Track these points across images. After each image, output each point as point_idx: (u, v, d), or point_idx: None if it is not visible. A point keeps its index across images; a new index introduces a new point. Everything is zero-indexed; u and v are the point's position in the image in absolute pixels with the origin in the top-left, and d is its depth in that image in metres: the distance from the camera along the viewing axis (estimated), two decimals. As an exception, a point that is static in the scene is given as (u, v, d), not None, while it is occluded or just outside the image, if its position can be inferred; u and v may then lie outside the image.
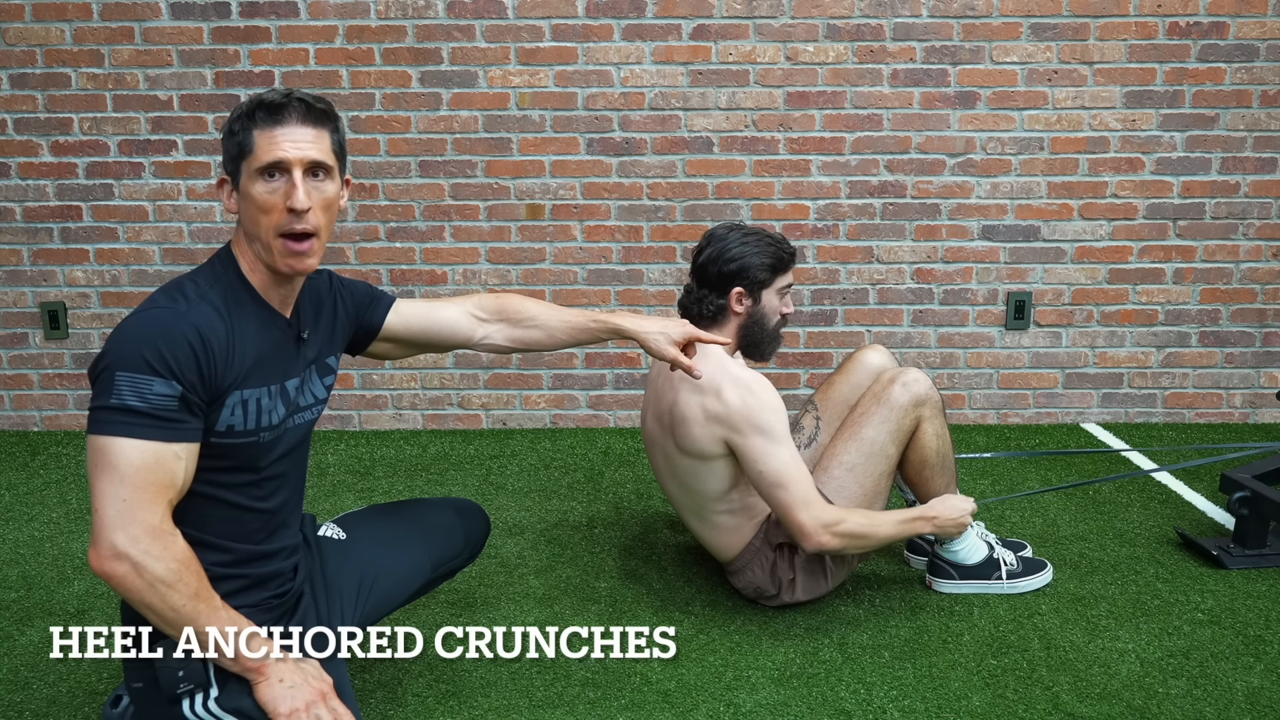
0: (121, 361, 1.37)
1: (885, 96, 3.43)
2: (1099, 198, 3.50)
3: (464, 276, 3.56)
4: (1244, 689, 1.92)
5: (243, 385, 1.47)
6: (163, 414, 1.37)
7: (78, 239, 3.53)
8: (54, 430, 3.65)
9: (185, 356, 1.39)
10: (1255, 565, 2.42)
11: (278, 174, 1.46)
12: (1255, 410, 3.66)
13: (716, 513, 2.17)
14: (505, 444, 3.49)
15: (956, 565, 2.29)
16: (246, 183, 1.46)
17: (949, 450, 2.23)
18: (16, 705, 1.89)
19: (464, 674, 1.99)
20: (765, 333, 2.16)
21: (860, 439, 2.17)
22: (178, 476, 1.40)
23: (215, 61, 3.40)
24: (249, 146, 1.45)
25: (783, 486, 2.01)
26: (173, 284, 1.48)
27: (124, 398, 1.36)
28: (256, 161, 1.45)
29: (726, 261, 2.10)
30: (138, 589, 1.35)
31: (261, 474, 1.55)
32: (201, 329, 1.41)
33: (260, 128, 1.45)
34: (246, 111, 1.46)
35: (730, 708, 1.87)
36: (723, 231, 2.14)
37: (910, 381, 2.17)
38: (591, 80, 3.42)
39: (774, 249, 2.12)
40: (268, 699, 1.45)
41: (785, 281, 2.16)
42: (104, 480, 1.35)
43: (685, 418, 2.08)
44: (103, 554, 1.34)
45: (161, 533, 1.36)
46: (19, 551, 2.60)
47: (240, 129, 1.46)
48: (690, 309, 2.16)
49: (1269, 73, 3.40)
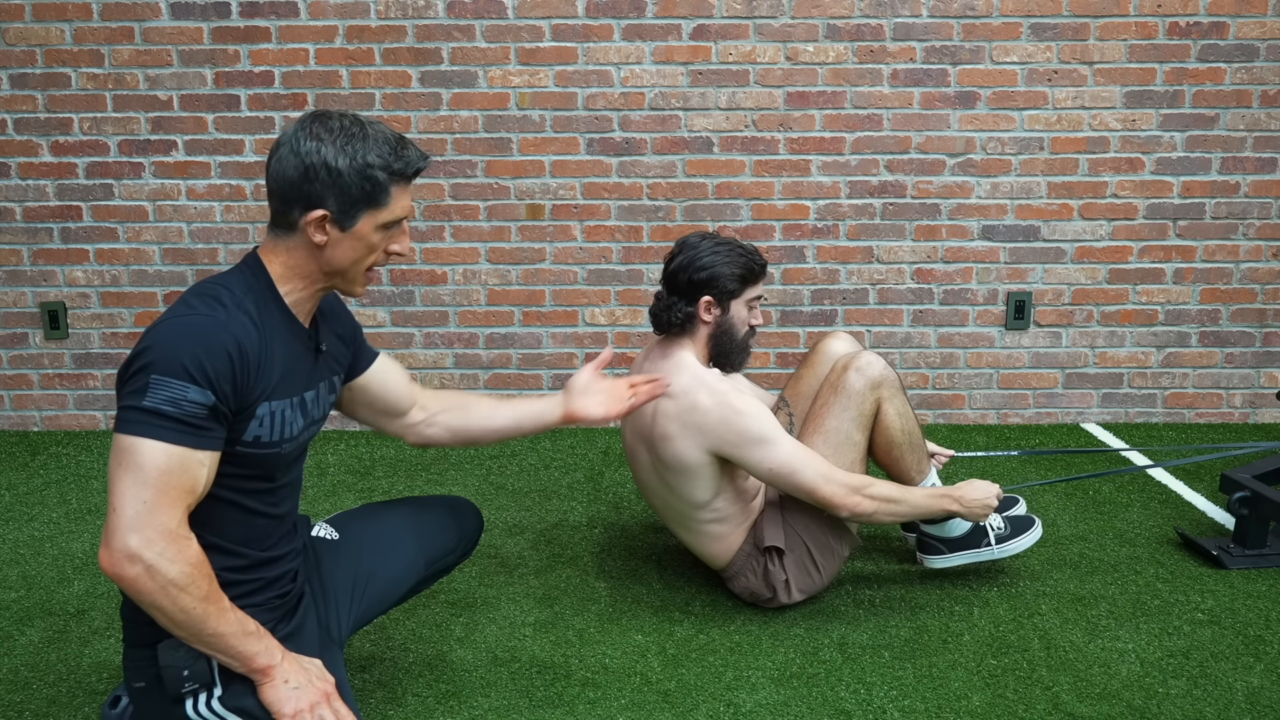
0: (159, 365, 1.36)
1: (885, 96, 3.43)
2: (1099, 198, 3.50)
3: (464, 276, 3.56)
4: (1244, 689, 1.92)
5: (271, 397, 1.48)
6: (193, 421, 1.37)
7: (78, 239, 3.53)
8: (54, 430, 3.65)
9: (223, 367, 1.38)
10: (1255, 565, 2.42)
11: (396, 225, 1.52)
12: (1255, 410, 3.66)
13: (703, 522, 2.18)
14: (505, 444, 3.49)
15: (944, 539, 2.29)
16: (365, 228, 1.48)
17: (914, 427, 2.23)
18: (16, 705, 1.89)
19: (464, 674, 1.99)
20: (734, 343, 2.16)
21: (825, 431, 2.17)
22: (199, 483, 1.40)
23: (215, 61, 3.40)
24: (384, 201, 1.48)
25: (796, 473, 2.03)
26: (206, 289, 1.46)
27: (157, 402, 1.35)
28: (389, 215, 1.49)
29: (697, 270, 2.10)
30: (149, 591, 1.34)
31: (276, 482, 1.57)
32: (241, 340, 1.40)
33: (399, 186, 1.48)
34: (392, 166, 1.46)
35: (730, 708, 1.87)
36: (695, 240, 2.14)
37: (864, 365, 2.17)
38: (591, 80, 3.43)
39: (745, 260, 2.12)
40: (272, 699, 1.46)
41: (755, 293, 2.16)
42: (126, 479, 1.34)
43: (666, 433, 2.09)
44: (115, 555, 1.33)
45: (177, 537, 1.36)
46: (19, 551, 2.60)
47: (382, 180, 1.46)
48: (660, 316, 2.16)
49: (1269, 73, 3.40)
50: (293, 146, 1.44)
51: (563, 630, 2.17)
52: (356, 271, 1.52)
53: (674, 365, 2.10)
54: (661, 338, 2.20)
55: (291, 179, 1.44)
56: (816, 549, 2.17)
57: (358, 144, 1.44)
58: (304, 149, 1.43)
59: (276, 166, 1.45)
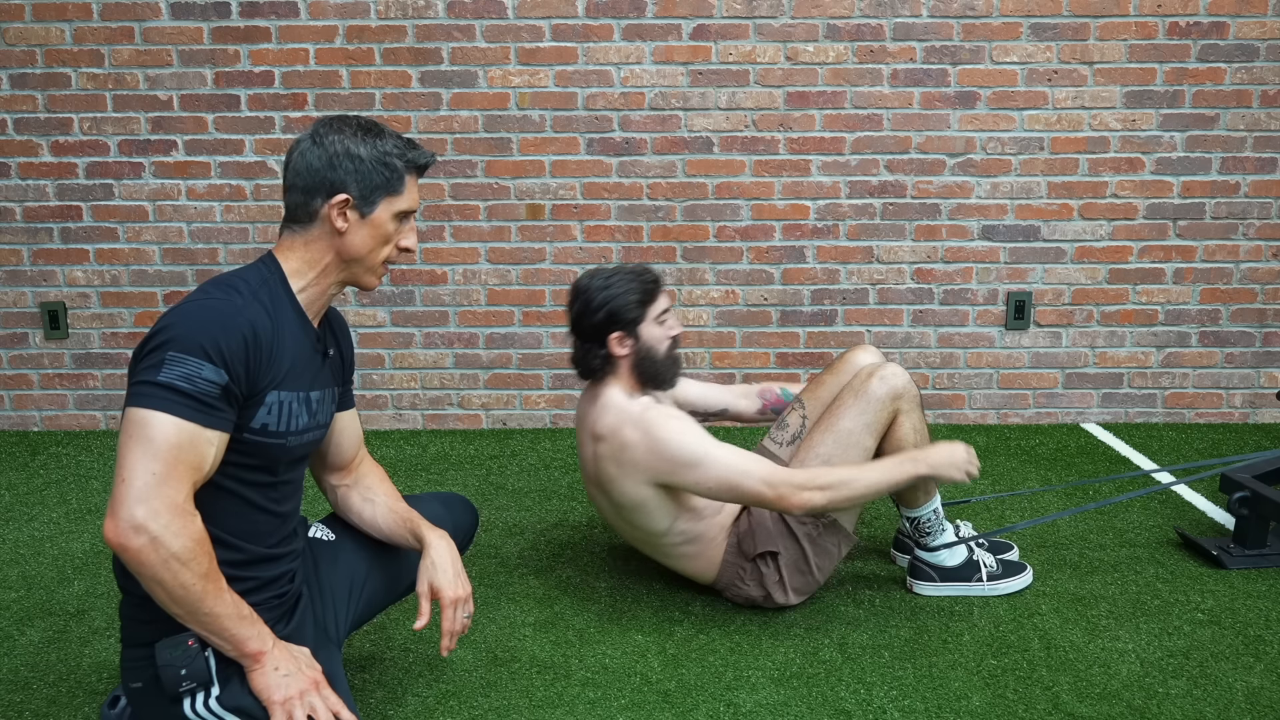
0: (176, 342, 1.39)
1: (885, 96, 3.43)
2: (1099, 198, 3.50)
3: (464, 276, 3.56)
4: (1244, 689, 1.92)
5: (280, 387, 1.51)
6: (205, 399, 1.39)
7: (78, 239, 3.53)
8: (54, 430, 3.65)
9: (238, 349, 1.42)
10: (1255, 565, 2.42)
11: (406, 217, 1.60)
12: (1255, 410, 3.66)
13: (673, 546, 2.19)
14: (505, 444, 3.49)
15: (937, 567, 2.29)
16: (383, 215, 1.56)
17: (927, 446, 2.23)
18: (16, 705, 1.89)
19: (464, 674, 1.99)
20: (658, 363, 2.16)
21: (837, 430, 2.17)
22: (206, 461, 1.42)
23: (215, 61, 3.40)
24: (400, 188, 1.57)
25: (738, 485, 2.03)
26: (223, 279, 1.51)
27: (172, 377, 1.38)
28: (403, 204, 1.57)
29: (594, 312, 2.10)
30: (151, 564, 1.35)
31: (278, 477, 1.58)
32: (256, 325, 1.45)
33: (412, 175, 1.58)
34: (409, 156, 1.57)
35: (730, 708, 1.87)
36: (584, 282, 2.13)
37: (888, 375, 2.18)
38: (591, 80, 3.43)
39: (636, 283, 2.11)
40: (261, 686, 1.46)
41: (660, 309, 2.15)
42: (136, 451, 1.36)
43: (608, 475, 2.12)
44: (121, 525, 1.34)
45: (183, 511, 1.37)
46: (19, 551, 2.60)
47: (400, 168, 1.56)
48: (580, 365, 2.17)
49: (1269, 73, 3.40)
50: (315, 140, 1.53)
51: (563, 630, 2.17)
52: (374, 260, 1.58)
53: (600, 408, 2.13)
54: (590, 383, 2.22)
55: (316, 168, 1.52)
56: (811, 548, 2.17)
57: (375, 136, 1.55)
58: (327, 140, 1.53)
59: (299, 160, 1.54)
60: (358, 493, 1.82)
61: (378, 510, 1.79)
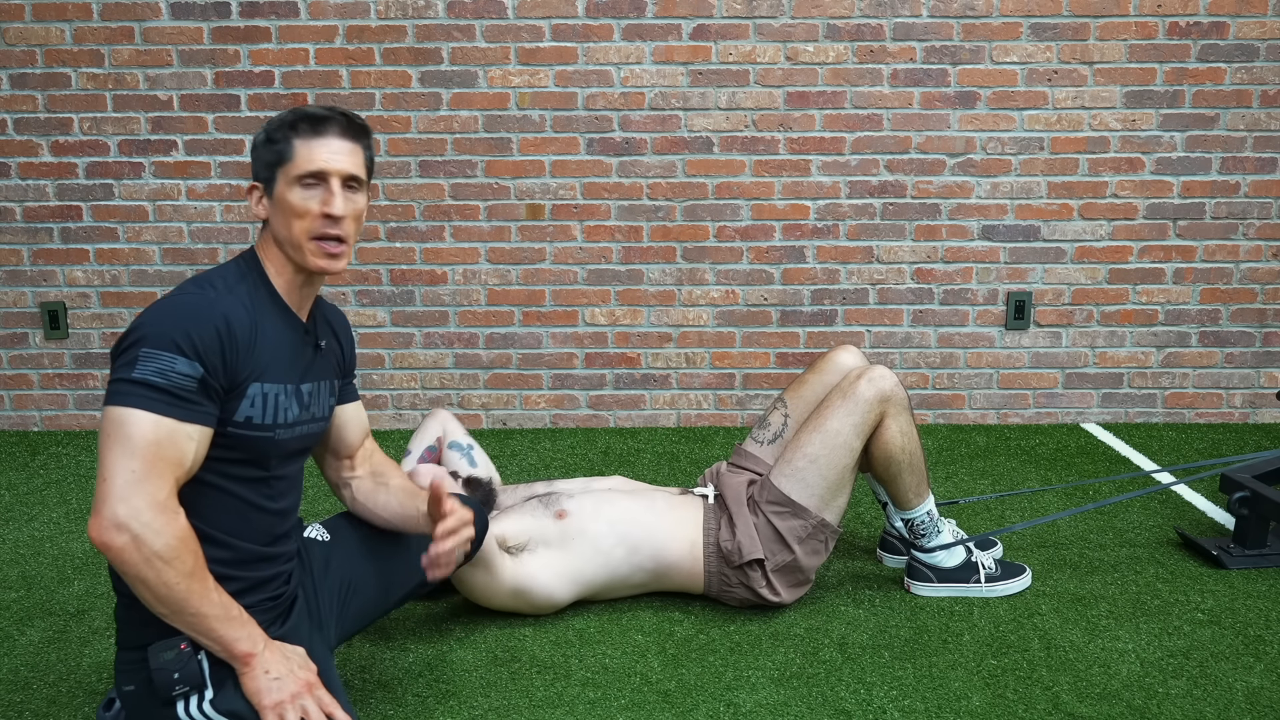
0: (148, 339, 1.39)
1: (885, 96, 3.43)
2: (1099, 198, 3.50)
3: (464, 276, 3.56)
4: (1244, 689, 1.92)
5: (262, 378, 1.50)
6: (181, 393, 1.39)
7: (78, 239, 3.53)
8: (54, 430, 3.65)
9: (211, 340, 1.42)
10: (1255, 565, 2.42)
11: (315, 182, 1.52)
12: (1255, 410, 3.66)
13: (627, 575, 2.21)
14: (505, 444, 3.49)
15: (935, 569, 2.29)
16: (283, 189, 1.52)
17: (917, 449, 2.22)
18: (16, 705, 1.89)
19: (464, 674, 1.99)
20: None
21: (824, 430, 2.17)
22: (187, 457, 1.41)
23: (215, 61, 3.40)
24: (289, 154, 1.52)
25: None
26: (201, 277, 1.52)
27: (146, 373, 1.38)
28: (296, 169, 1.51)
29: None
30: (134, 563, 1.35)
31: (270, 472, 1.57)
32: (229, 317, 1.45)
33: (301, 138, 1.51)
34: (289, 122, 1.53)
35: (730, 708, 1.87)
36: None
37: (876, 377, 2.18)
38: (591, 80, 3.42)
39: None
40: (252, 690, 1.45)
41: None
42: (115, 450, 1.36)
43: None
44: (103, 523, 1.34)
45: (165, 508, 1.37)
46: (19, 551, 2.60)
47: (281, 138, 1.52)
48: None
49: (1269, 73, 3.40)
50: None
51: (563, 630, 2.17)
52: (296, 236, 1.53)
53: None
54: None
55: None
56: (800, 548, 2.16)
57: (273, 119, 1.55)
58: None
59: None
60: (370, 480, 1.81)
61: (392, 492, 1.78)
